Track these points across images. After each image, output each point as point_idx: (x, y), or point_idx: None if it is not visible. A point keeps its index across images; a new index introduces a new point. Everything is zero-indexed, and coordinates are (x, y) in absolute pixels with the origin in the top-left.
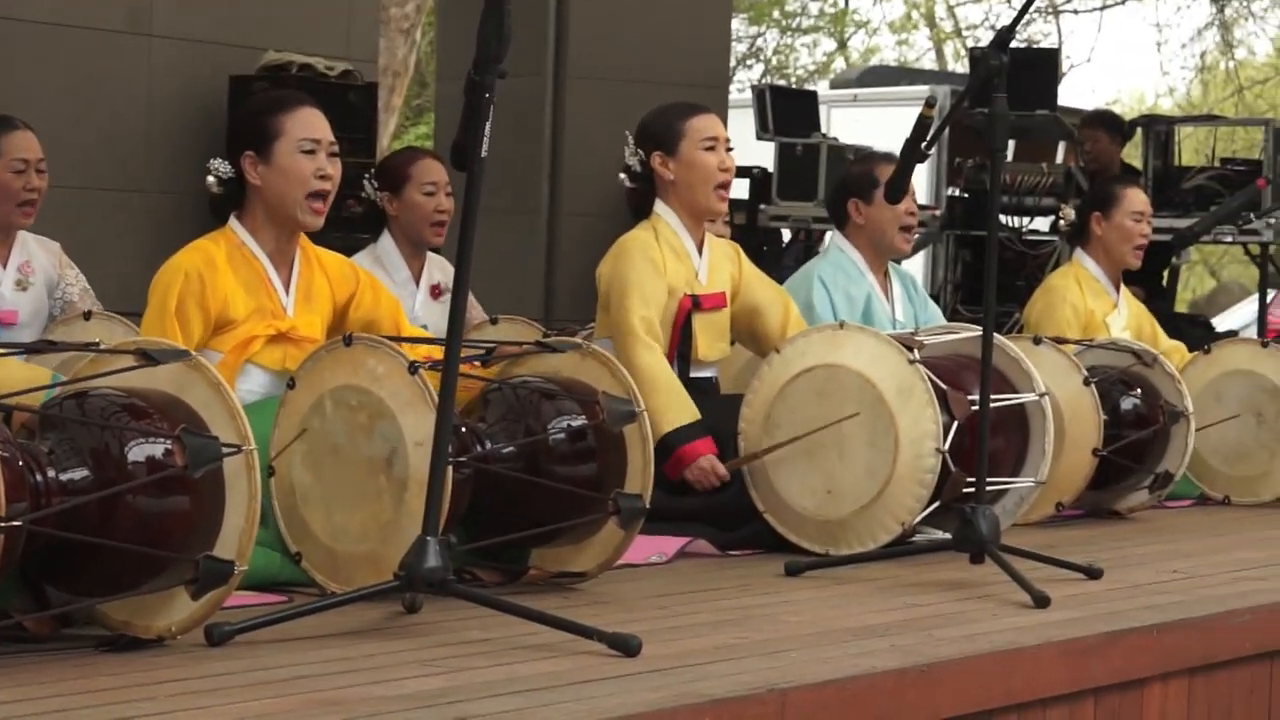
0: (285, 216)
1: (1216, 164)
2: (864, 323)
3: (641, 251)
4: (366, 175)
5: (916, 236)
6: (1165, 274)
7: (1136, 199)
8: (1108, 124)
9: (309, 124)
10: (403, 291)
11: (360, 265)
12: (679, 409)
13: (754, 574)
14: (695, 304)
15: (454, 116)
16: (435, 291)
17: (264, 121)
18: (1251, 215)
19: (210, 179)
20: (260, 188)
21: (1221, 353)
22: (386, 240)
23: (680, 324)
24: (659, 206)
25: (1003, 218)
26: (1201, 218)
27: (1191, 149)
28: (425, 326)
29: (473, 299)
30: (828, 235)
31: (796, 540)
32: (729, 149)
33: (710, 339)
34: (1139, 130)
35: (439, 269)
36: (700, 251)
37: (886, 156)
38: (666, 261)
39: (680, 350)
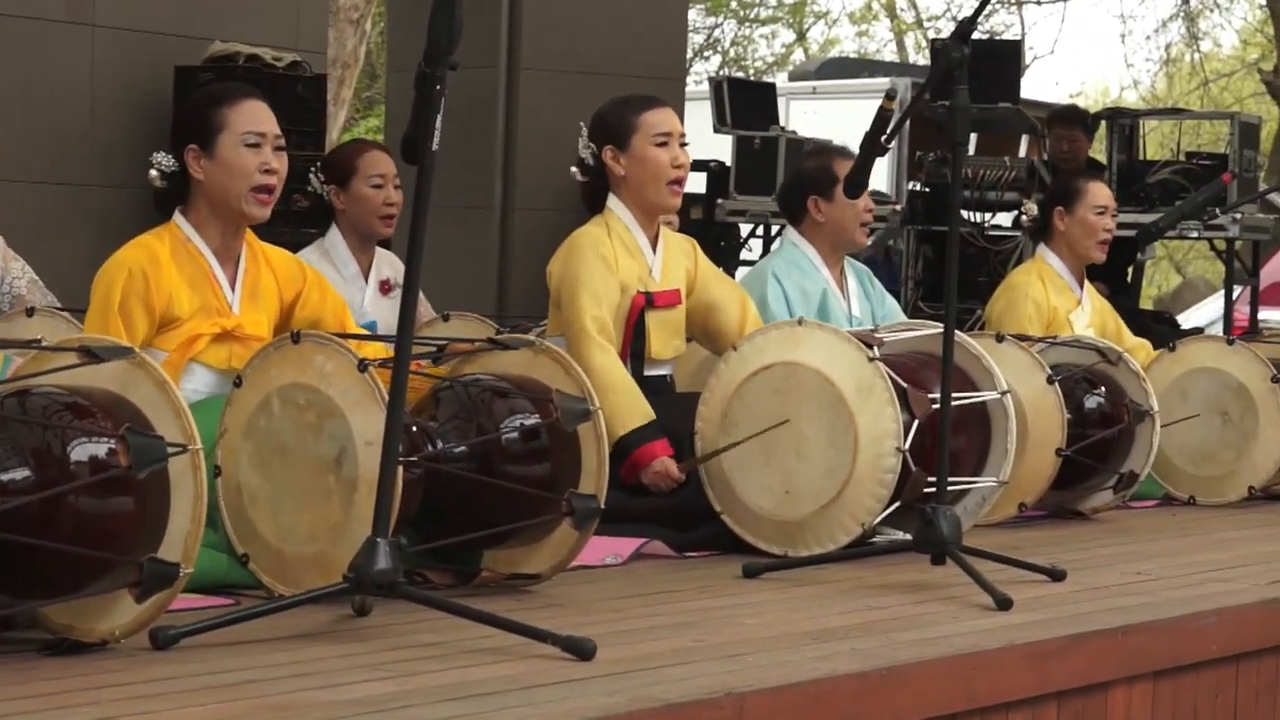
0: (230, 211)
1: (1182, 158)
2: (819, 319)
3: (593, 248)
4: (312, 169)
5: (878, 232)
6: (1130, 270)
7: (1100, 193)
8: (1082, 121)
9: (254, 117)
10: (351, 287)
11: (308, 260)
12: (634, 411)
13: (711, 576)
14: (648, 301)
15: (405, 109)
16: (384, 287)
17: (207, 114)
18: (1217, 210)
19: (153, 173)
20: (204, 182)
21: (1187, 350)
22: (334, 235)
23: (633, 322)
24: (611, 201)
25: (964, 213)
26: (1166, 213)
27: (1156, 143)
28: (374, 323)
29: (423, 295)
30: (786, 229)
31: (754, 541)
32: (683, 144)
33: (664, 337)
34: (1103, 124)
35: (388, 264)
36: (654, 247)
37: (841, 150)
38: (619, 258)
39: (633, 349)
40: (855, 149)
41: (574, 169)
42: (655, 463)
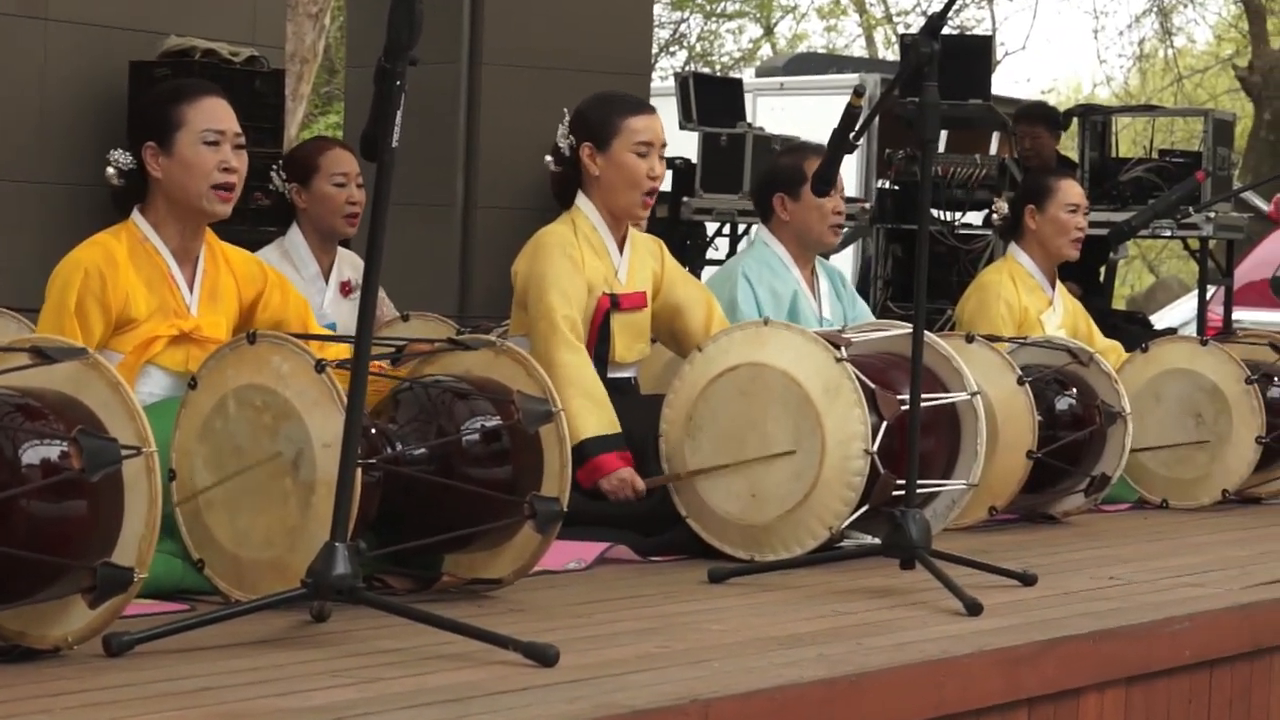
0: (189, 210)
1: (1155, 156)
2: (790, 321)
3: (560, 247)
4: (274, 166)
5: (847, 231)
6: (1103, 269)
7: (1071, 191)
8: (1047, 118)
9: (212, 114)
10: (311, 288)
11: (267, 260)
12: (600, 418)
13: (676, 581)
14: (614, 303)
15: (364, 105)
16: (345, 288)
17: (165, 111)
18: (1191, 209)
19: (110, 170)
20: (162, 180)
21: (1160, 351)
22: (295, 234)
23: (598, 324)
24: (580, 199)
25: (934, 211)
26: (1139, 211)
27: (1129, 140)
28: (334, 324)
29: (383, 295)
30: (754, 229)
31: (720, 546)
32: (663, 155)
33: (629, 340)
34: (1074, 121)
35: (349, 265)
36: (621, 249)
37: (815, 149)
38: (585, 258)
39: (598, 351)
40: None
41: (549, 157)
42: (621, 471)
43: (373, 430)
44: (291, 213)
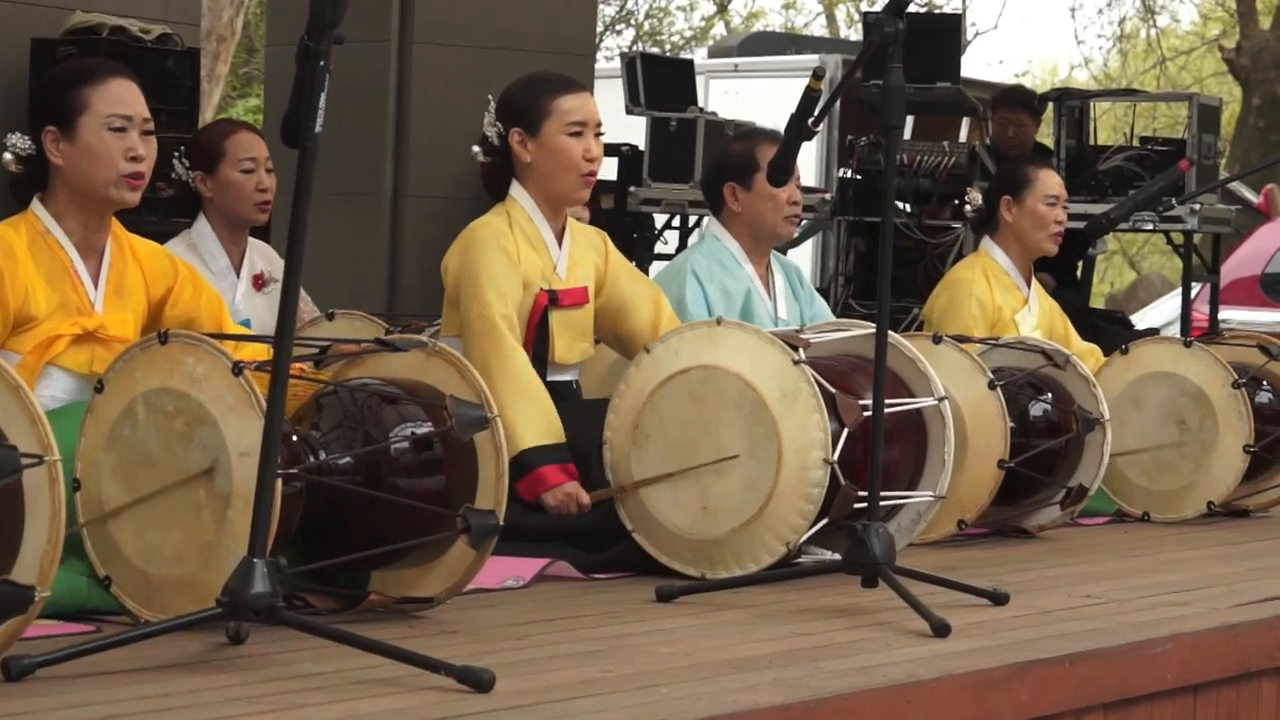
0: (93, 200)
1: (1136, 143)
2: (743, 320)
3: (493, 241)
4: (176, 153)
5: (805, 223)
6: (1080, 265)
7: (1051, 181)
8: (1029, 104)
9: (119, 98)
10: (222, 282)
11: (175, 253)
12: (543, 426)
13: (621, 600)
14: (552, 300)
15: (286, 87)
16: (259, 282)
17: (68, 94)
18: (1174, 200)
19: (8, 157)
20: (63, 168)
21: (1141, 353)
22: (202, 225)
23: (535, 322)
24: (514, 189)
25: (899, 203)
26: (1119, 203)
27: (1108, 127)
28: (248, 321)
29: (304, 292)
30: (705, 221)
31: (669, 562)
32: (599, 134)
33: (570, 339)
34: (1050, 106)
35: (261, 257)
36: (560, 241)
37: (770, 135)
38: (521, 252)
39: (536, 351)
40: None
41: (476, 148)
42: (567, 485)
43: (294, 437)
44: (198, 202)
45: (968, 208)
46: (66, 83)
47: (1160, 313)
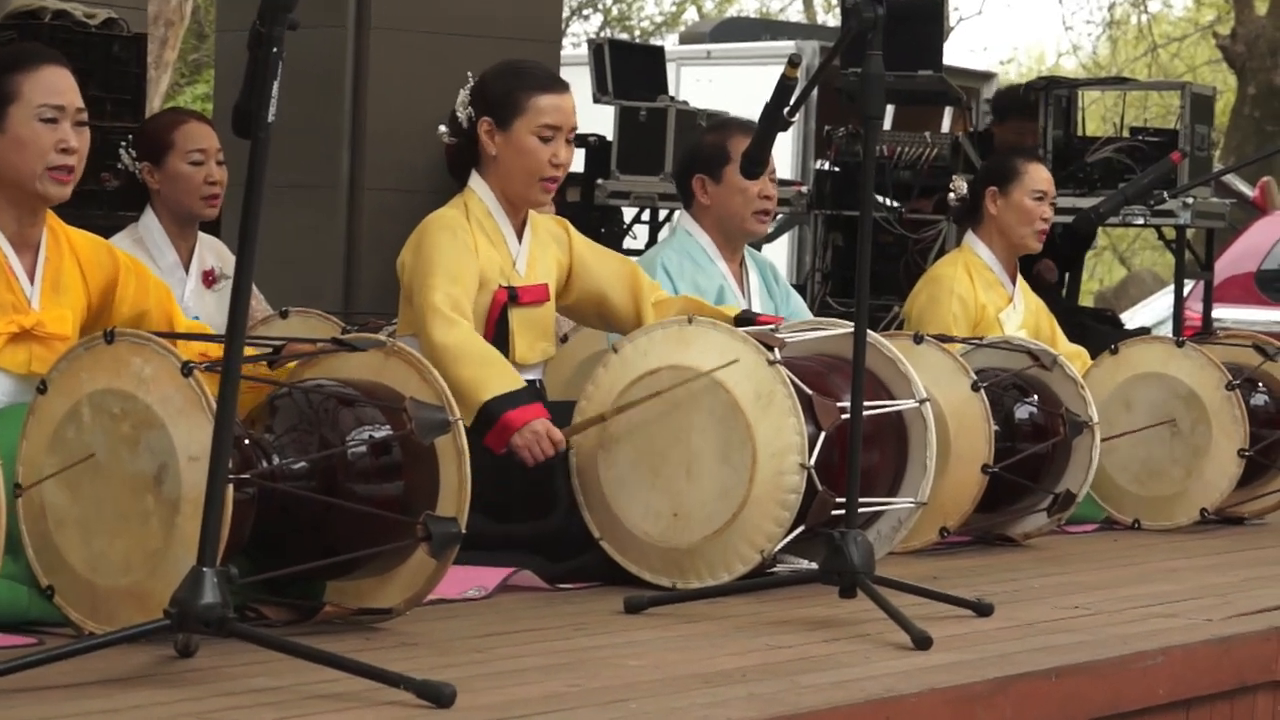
0: (23, 193)
1: (1126, 134)
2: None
3: (449, 231)
4: (123, 143)
5: (780, 217)
6: (1084, 259)
7: (1039, 175)
8: (1024, 108)
9: (51, 87)
10: (170, 279)
11: (121, 248)
12: (501, 376)
13: (588, 611)
14: (512, 297)
15: (237, 75)
16: (208, 278)
17: None
18: (1166, 194)
19: None
20: None
21: (1131, 353)
22: (149, 218)
23: (494, 320)
24: (475, 180)
25: (879, 196)
26: (1108, 197)
27: (1098, 116)
28: (198, 320)
29: (257, 289)
30: (676, 215)
31: (638, 572)
32: (570, 139)
33: (531, 338)
34: (1037, 95)
35: (212, 252)
36: (519, 236)
37: (744, 125)
38: (479, 246)
39: None
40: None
41: (443, 127)
42: (535, 423)
43: (246, 441)
44: (145, 195)
45: (951, 196)
46: None
47: (1151, 311)
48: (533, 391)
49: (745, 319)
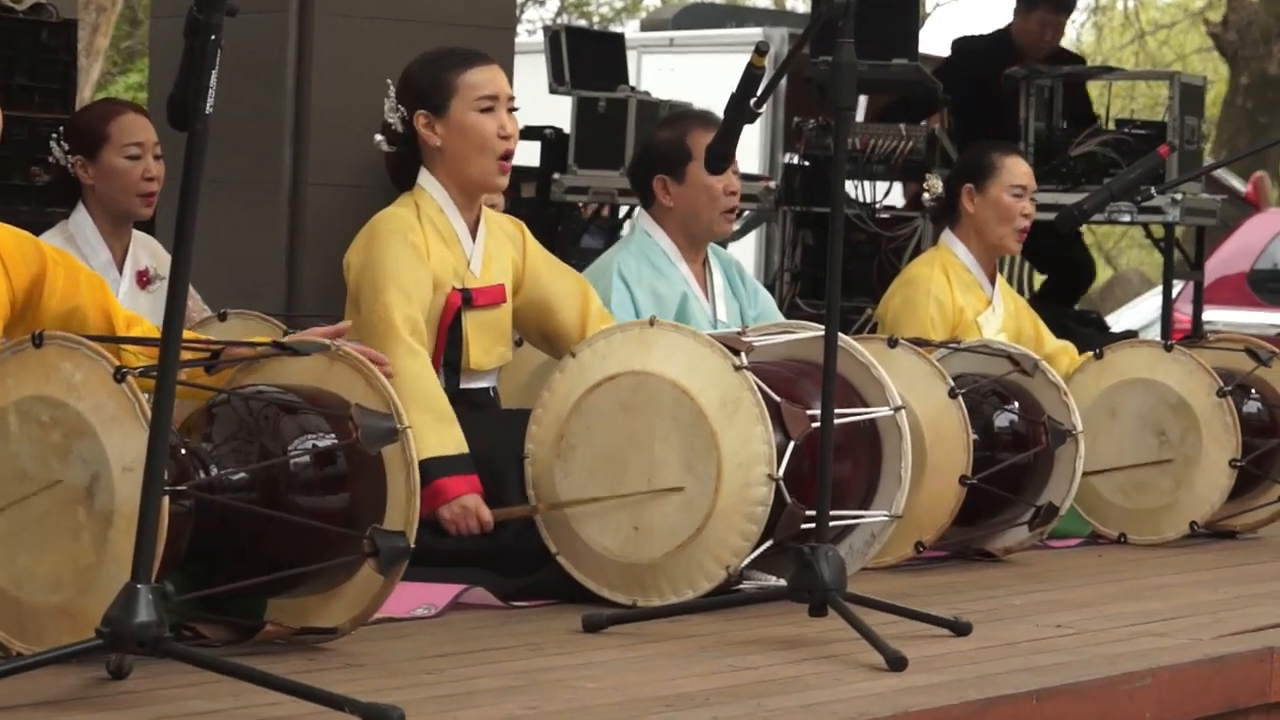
0: None
1: (1111, 127)
2: None
3: (399, 235)
4: (54, 135)
5: (747, 214)
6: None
7: (1017, 169)
8: (1069, 5)
9: None
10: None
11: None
12: (444, 436)
13: (544, 630)
14: (466, 300)
15: (172, 63)
16: (143, 279)
17: None
18: (1153, 189)
19: None
20: None
21: (1117, 358)
22: (81, 215)
23: (447, 325)
24: (423, 178)
25: (851, 192)
26: (1093, 193)
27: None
28: None
29: (194, 290)
30: (637, 212)
31: (597, 588)
32: (512, 109)
33: (486, 343)
34: (1016, 85)
35: (147, 251)
36: (474, 234)
37: (702, 118)
38: (430, 247)
39: (448, 357)
40: (720, 115)
41: (379, 137)
42: (465, 498)
43: (182, 451)
44: (77, 190)
45: (926, 196)
46: None
47: (1138, 313)
48: (469, 462)
49: None
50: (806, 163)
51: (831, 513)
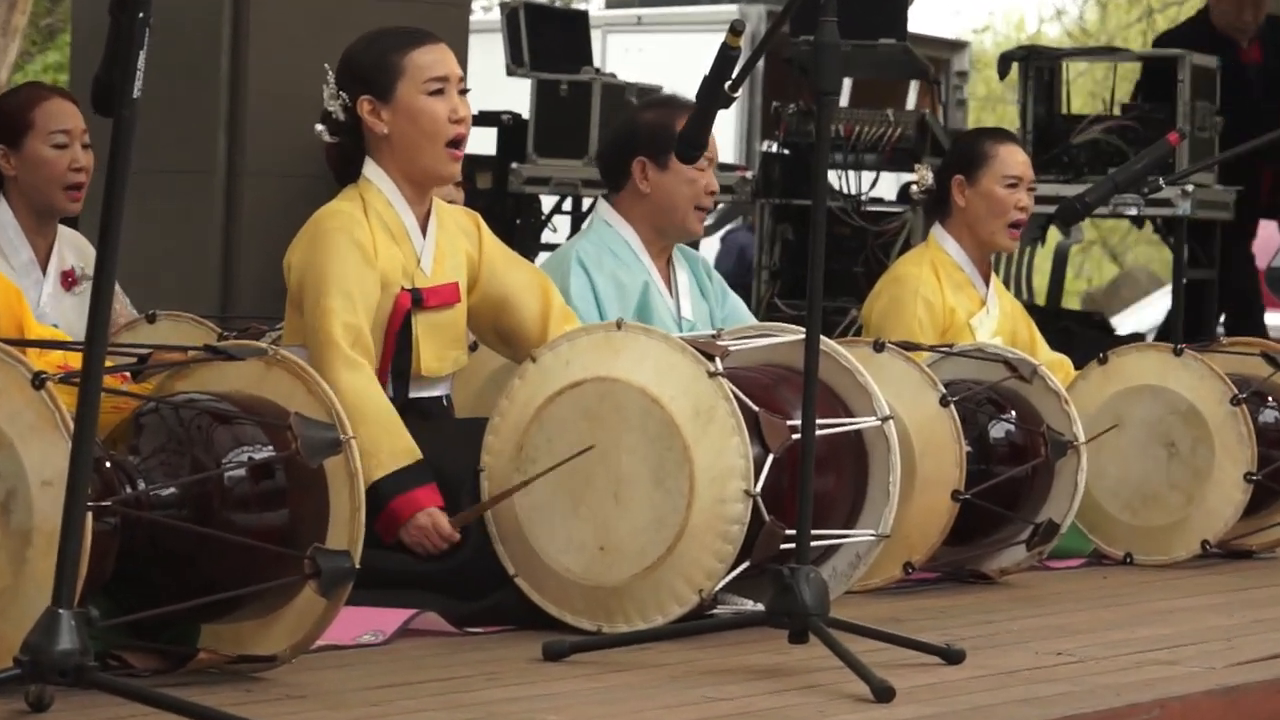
0: None
1: (1117, 112)
2: (640, 321)
3: (344, 232)
4: None
5: (721, 207)
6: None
7: (1012, 159)
8: None
9: None
10: (24, 280)
11: None
12: (393, 447)
13: (502, 658)
14: (416, 300)
15: (97, 42)
16: (69, 280)
17: None
18: (1162, 180)
19: None
20: None
21: (1122, 363)
22: (1, 210)
23: (396, 328)
24: (369, 169)
25: (835, 182)
26: (1097, 184)
27: (1085, 92)
28: (55, 326)
29: (121, 291)
30: (597, 203)
31: (558, 613)
32: (463, 91)
33: (438, 347)
34: (1014, 67)
35: (73, 250)
36: (424, 229)
37: (690, 104)
38: (378, 244)
39: (396, 364)
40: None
41: (320, 127)
42: (419, 515)
43: (107, 464)
44: None
45: (914, 188)
46: None
47: (1146, 315)
48: (422, 469)
49: None
50: (786, 151)
51: (813, 531)
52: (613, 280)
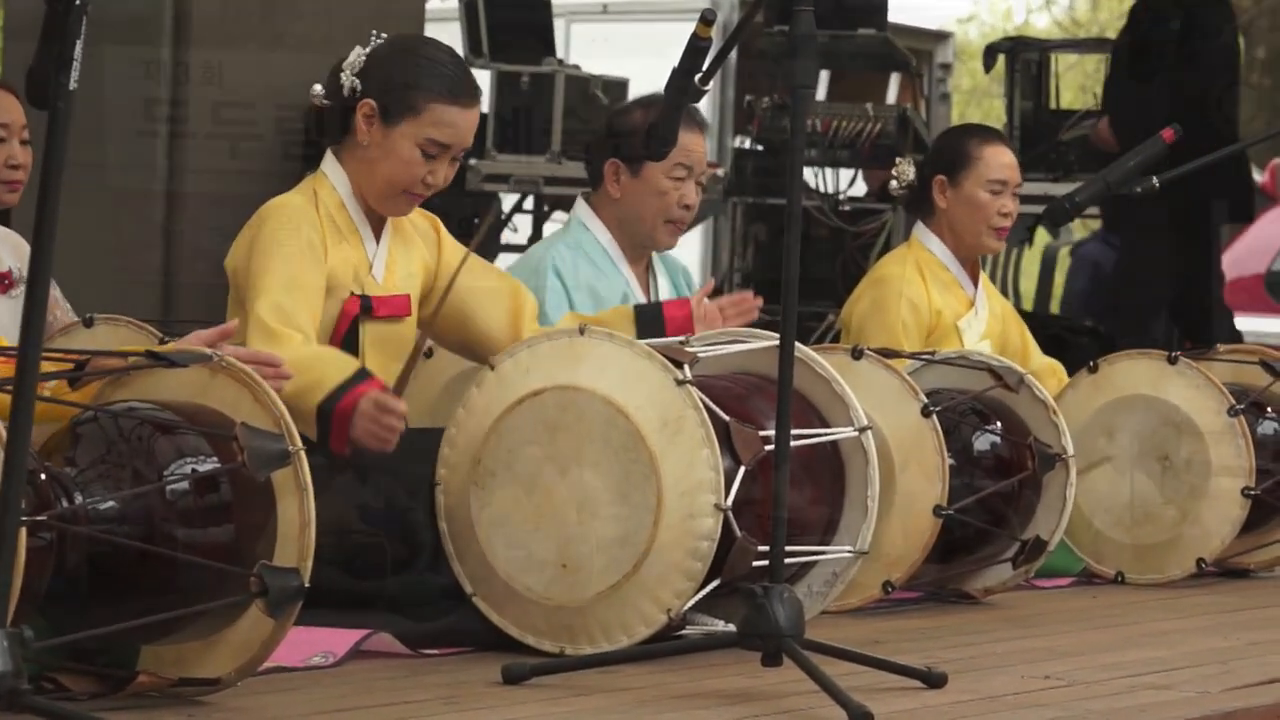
0: None
1: None
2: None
3: (291, 227)
4: None
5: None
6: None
7: (996, 162)
8: None
9: None
10: None
11: None
12: (334, 369)
13: (459, 682)
14: (365, 308)
15: (32, 30)
16: (3, 281)
17: None
18: (1155, 179)
19: None
20: None
21: (1113, 371)
22: None
23: (342, 335)
24: (329, 164)
25: (811, 179)
26: (1087, 182)
27: (1075, 86)
28: None
29: (57, 292)
30: (577, 201)
31: (519, 635)
32: (456, 158)
33: (384, 359)
34: (1000, 59)
35: (9, 249)
36: (378, 235)
37: (688, 114)
38: (327, 243)
39: None
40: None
41: (318, 87)
42: (362, 401)
43: (42, 476)
44: None
45: (894, 183)
46: None
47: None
48: (362, 371)
49: (648, 317)
50: (760, 147)
51: (788, 548)
52: (589, 291)
